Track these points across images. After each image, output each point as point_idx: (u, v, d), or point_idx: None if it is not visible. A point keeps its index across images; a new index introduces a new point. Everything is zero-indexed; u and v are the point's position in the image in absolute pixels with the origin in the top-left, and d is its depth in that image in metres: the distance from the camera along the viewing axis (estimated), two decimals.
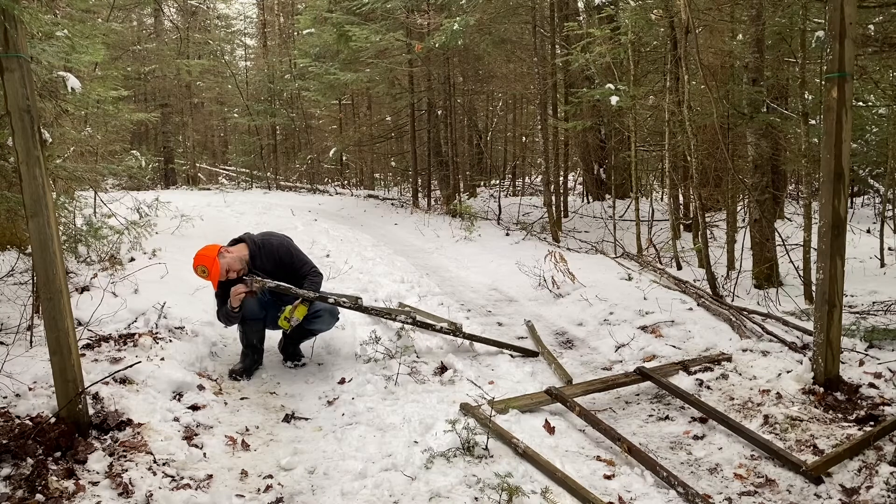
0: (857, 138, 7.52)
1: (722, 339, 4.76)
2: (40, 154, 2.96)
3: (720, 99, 6.29)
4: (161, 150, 20.72)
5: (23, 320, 4.21)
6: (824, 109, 3.71)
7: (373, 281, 6.63)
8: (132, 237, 6.42)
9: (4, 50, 2.86)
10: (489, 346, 4.82)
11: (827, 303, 3.72)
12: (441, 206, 12.93)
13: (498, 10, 10.76)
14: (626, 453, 3.26)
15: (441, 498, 2.92)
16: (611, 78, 8.49)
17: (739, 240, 6.95)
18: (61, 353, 3.04)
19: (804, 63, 6.26)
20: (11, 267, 5.01)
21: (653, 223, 9.39)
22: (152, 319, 4.63)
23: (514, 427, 3.49)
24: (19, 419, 3.16)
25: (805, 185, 6.55)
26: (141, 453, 3.06)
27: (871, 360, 4.04)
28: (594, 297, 5.98)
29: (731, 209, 7.32)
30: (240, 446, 3.41)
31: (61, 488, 2.71)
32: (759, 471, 3.15)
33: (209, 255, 4.18)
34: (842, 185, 3.66)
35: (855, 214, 9.42)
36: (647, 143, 10.51)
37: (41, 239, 2.98)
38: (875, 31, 5.77)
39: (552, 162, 10.91)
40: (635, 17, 7.73)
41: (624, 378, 4.18)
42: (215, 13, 23.28)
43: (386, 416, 3.73)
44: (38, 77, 4.44)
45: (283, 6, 22.78)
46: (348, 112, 19.31)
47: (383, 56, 12.19)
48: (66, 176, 5.15)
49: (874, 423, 3.38)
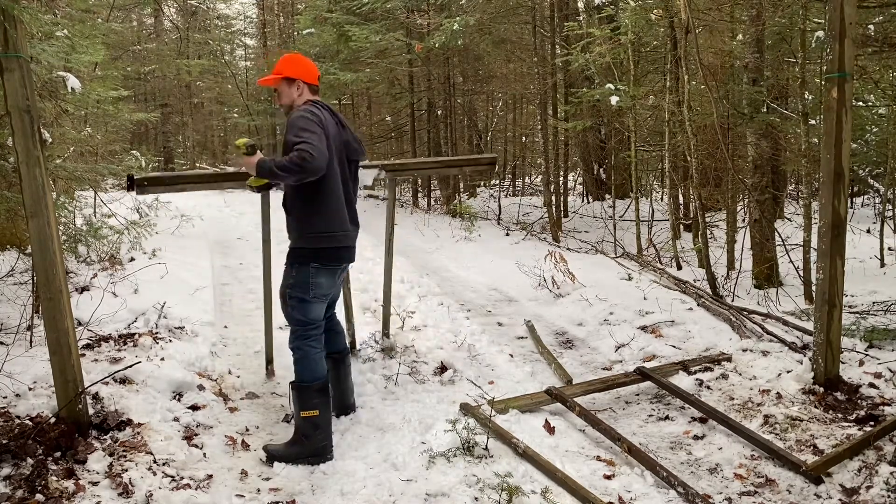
0: (857, 138, 7.52)
1: (722, 339, 4.76)
2: (40, 154, 2.96)
3: (720, 99, 6.29)
4: (161, 150, 20.70)
5: (23, 320, 4.21)
6: (824, 109, 3.72)
7: (373, 281, 6.62)
8: (132, 237, 6.43)
9: (4, 50, 2.85)
10: (429, 172, 4.74)
11: (827, 303, 3.72)
12: (441, 206, 12.93)
13: (498, 10, 10.76)
14: (626, 453, 3.26)
15: (441, 498, 2.92)
16: (611, 78, 8.49)
17: (739, 240, 6.95)
18: (61, 353, 3.04)
19: (804, 63, 6.26)
20: (11, 267, 5.01)
21: (653, 223, 9.39)
22: (152, 319, 4.63)
23: (514, 427, 3.48)
24: (19, 419, 3.16)
25: (805, 185, 6.55)
26: (141, 453, 3.06)
27: (871, 360, 4.04)
28: (594, 297, 5.98)
29: (731, 209, 7.32)
30: (240, 446, 3.40)
31: (61, 488, 2.71)
32: (759, 471, 3.15)
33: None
34: (842, 185, 3.66)
35: (855, 214, 9.41)
36: (647, 143, 10.51)
37: (41, 239, 2.98)
38: (875, 31, 5.77)
39: (552, 162, 10.90)
40: (635, 17, 7.72)
41: (624, 378, 4.18)
42: (215, 13, 23.26)
43: (386, 415, 3.73)
44: (38, 77, 4.44)
45: (283, 6, 22.75)
46: (348, 112, 19.28)
47: (383, 56, 12.18)
48: (66, 176, 5.16)
49: (874, 423, 3.38)
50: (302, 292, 3.32)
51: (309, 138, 3.05)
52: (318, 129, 3.12)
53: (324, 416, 3.31)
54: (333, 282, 3.46)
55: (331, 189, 3.28)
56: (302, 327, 3.37)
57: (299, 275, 3.33)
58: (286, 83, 3.36)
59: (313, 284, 3.32)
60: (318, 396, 3.31)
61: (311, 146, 3.02)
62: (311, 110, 3.21)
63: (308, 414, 3.27)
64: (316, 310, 3.39)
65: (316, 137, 3.07)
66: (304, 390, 3.31)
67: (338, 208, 3.33)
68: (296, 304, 3.35)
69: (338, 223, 3.33)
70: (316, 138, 3.07)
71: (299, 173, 3.05)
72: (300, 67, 3.36)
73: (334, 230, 3.32)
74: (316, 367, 3.36)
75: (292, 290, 3.34)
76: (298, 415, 3.29)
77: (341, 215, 3.35)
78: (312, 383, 3.32)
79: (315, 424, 3.27)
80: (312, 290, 3.33)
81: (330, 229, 3.31)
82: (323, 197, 3.27)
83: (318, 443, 3.27)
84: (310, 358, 3.35)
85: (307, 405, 3.28)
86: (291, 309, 3.37)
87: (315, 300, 3.35)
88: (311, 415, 3.27)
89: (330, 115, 3.33)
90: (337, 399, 3.68)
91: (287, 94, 3.36)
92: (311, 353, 3.36)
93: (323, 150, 3.07)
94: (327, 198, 3.28)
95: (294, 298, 3.34)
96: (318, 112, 3.22)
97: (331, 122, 3.30)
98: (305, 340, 3.37)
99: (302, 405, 3.29)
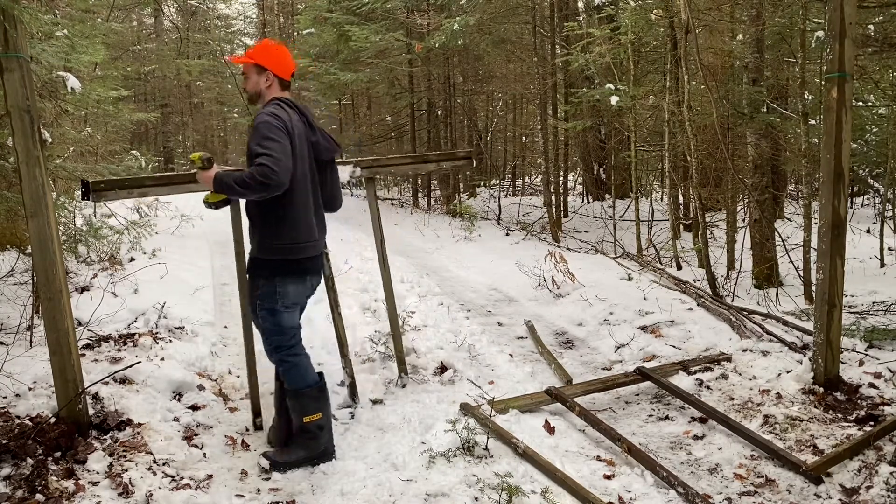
0: (857, 138, 7.52)
1: (722, 339, 4.76)
2: (40, 154, 2.96)
3: (720, 99, 6.29)
4: (161, 150, 20.71)
5: (23, 320, 4.21)
6: (824, 109, 3.72)
7: (373, 281, 6.62)
8: (132, 237, 6.43)
9: (4, 50, 2.86)
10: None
11: (827, 303, 3.72)
12: (441, 206, 12.93)
13: (498, 10, 10.76)
14: (626, 453, 3.26)
15: (441, 498, 2.92)
16: (611, 78, 8.49)
17: (739, 240, 6.95)
18: (61, 353, 3.04)
19: (804, 63, 6.26)
20: (11, 267, 5.02)
21: (653, 223, 9.39)
22: (152, 319, 4.63)
23: (514, 427, 3.48)
24: (19, 419, 3.16)
25: (805, 185, 6.55)
26: (141, 453, 3.06)
27: (871, 360, 4.04)
28: (594, 297, 5.98)
29: (731, 209, 7.32)
30: (240, 446, 3.40)
31: (61, 488, 2.71)
32: (759, 471, 3.15)
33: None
34: (842, 185, 3.66)
35: (855, 214, 9.42)
36: (647, 143, 10.51)
37: (41, 239, 2.98)
38: (875, 31, 5.77)
39: (552, 162, 10.91)
40: (635, 17, 7.72)
41: (624, 378, 4.18)
42: (215, 13, 23.28)
43: (385, 415, 3.73)
44: (38, 77, 4.44)
45: (283, 6, 22.76)
46: (348, 112, 19.30)
47: (383, 56, 12.18)
48: (66, 176, 5.16)
49: (874, 423, 3.38)
50: (270, 303, 3.15)
51: (272, 150, 2.83)
52: (283, 136, 2.91)
53: (326, 416, 3.27)
54: (304, 287, 3.25)
55: (297, 197, 3.07)
56: (278, 337, 3.21)
57: (265, 287, 3.14)
58: (256, 70, 3.13)
59: (280, 294, 3.14)
60: (317, 400, 3.25)
61: (272, 160, 2.80)
62: (275, 114, 2.98)
63: (311, 419, 3.20)
64: (288, 318, 3.21)
65: (279, 148, 2.85)
66: (302, 396, 3.23)
67: (305, 217, 3.12)
68: (266, 316, 3.19)
69: (304, 233, 3.13)
70: (279, 149, 2.85)
71: (260, 190, 2.84)
72: (274, 58, 3.14)
73: (300, 241, 3.11)
74: (306, 373, 3.26)
75: (261, 301, 3.17)
76: (301, 420, 3.21)
77: (308, 224, 3.14)
78: (308, 389, 3.24)
79: (320, 426, 3.22)
80: (281, 300, 3.15)
81: (295, 240, 3.10)
82: (288, 205, 3.04)
83: (322, 444, 3.23)
84: (297, 366, 3.24)
85: (308, 410, 3.21)
86: (263, 321, 3.21)
87: (286, 309, 3.18)
88: (314, 419, 3.21)
89: (298, 115, 3.12)
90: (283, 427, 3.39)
91: (254, 82, 3.14)
92: (296, 362, 3.24)
93: (286, 164, 2.86)
94: (293, 206, 3.06)
95: (264, 310, 3.18)
96: (283, 115, 3.01)
97: (298, 124, 3.08)
98: (287, 351, 3.23)
99: (303, 410, 3.21)
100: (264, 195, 2.89)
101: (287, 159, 2.88)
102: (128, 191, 3.38)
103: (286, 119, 3.00)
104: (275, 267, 3.12)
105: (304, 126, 3.13)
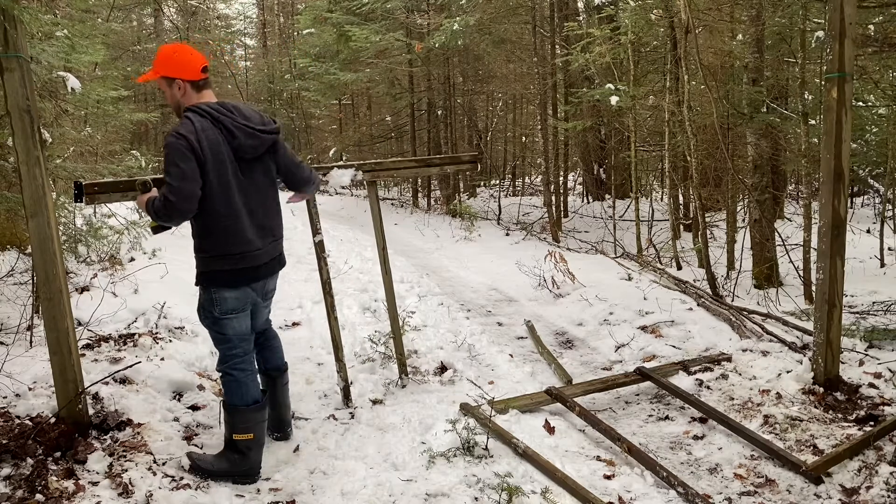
0: (857, 138, 7.52)
1: (722, 339, 4.76)
2: (40, 154, 2.96)
3: (720, 99, 6.29)
4: (161, 150, 20.68)
5: (23, 320, 4.21)
6: (824, 109, 3.72)
7: (373, 281, 6.62)
8: (132, 237, 6.42)
9: (4, 50, 2.86)
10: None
11: (827, 303, 3.72)
12: (441, 206, 12.93)
13: (498, 10, 10.76)
14: (626, 453, 3.26)
15: (441, 498, 2.92)
16: (611, 78, 8.49)
17: (739, 240, 6.95)
18: (61, 353, 3.04)
19: (804, 63, 6.26)
20: (11, 267, 5.01)
21: (653, 223, 9.40)
22: (152, 319, 4.63)
23: (514, 427, 3.49)
24: (19, 419, 3.16)
25: (805, 185, 6.56)
26: (141, 453, 3.06)
27: (871, 360, 4.04)
28: (594, 297, 5.98)
29: (731, 209, 7.32)
30: None
31: (61, 488, 2.71)
32: (759, 471, 3.15)
33: None
34: (842, 185, 3.66)
35: (855, 214, 9.42)
36: (647, 143, 10.51)
37: (41, 239, 2.98)
38: (875, 31, 5.77)
39: (552, 162, 10.91)
40: (635, 17, 7.72)
41: (624, 378, 4.18)
42: (215, 13, 23.28)
43: (386, 415, 3.73)
44: (38, 77, 4.44)
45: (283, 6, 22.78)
46: (348, 112, 19.30)
47: (383, 56, 12.19)
48: (66, 176, 5.15)
49: (874, 423, 3.38)
50: (209, 309, 3.05)
51: (172, 177, 2.76)
52: (185, 159, 2.76)
53: (258, 438, 3.09)
54: (243, 294, 3.07)
55: (220, 209, 2.90)
56: (224, 346, 3.10)
57: (203, 295, 3.07)
58: (165, 83, 2.95)
59: (218, 301, 3.01)
60: (251, 419, 3.08)
61: (171, 189, 2.75)
62: (178, 133, 2.81)
63: (241, 437, 3.04)
64: (231, 326, 3.06)
65: (179, 174, 2.75)
66: (236, 413, 3.07)
67: (236, 227, 2.95)
68: (208, 324, 3.10)
69: (235, 244, 2.97)
70: (178, 175, 2.75)
71: (168, 218, 2.83)
72: (176, 63, 2.92)
73: (232, 252, 2.97)
74: (246, 390, 3.09)
75: (201, 310, 3.10)
76: (230, 436, 3.07)
77: (241, 234, 2.97)
78: (245, 407, 3.08)
79: (248, 446, 3.06)
80: (219, 307, 3.02)
81: (224, 252, 2.97)
82: (211, 218, 2.91)
83: (249, 464, 3.08)
84: (238, 382, 3.08)
85: (239, 428, 3.05)
86: (207, 329, 3.14)
87: (226, 316, 3.04)
88: (245, 438, 3.04)
89: (212, 122, 2.88)
90: (273, 419, 3.40)
91: (170, 96, 2.97)
92: (238, 378, 3.09)
93: (187, 190, 2.76)
94: (216, 218, 2.91)
95: (206, 319, 3.09)
96: (190, 130, 2.81)
97: (210, 133, 2.85)
98: (228, 364, 3.10)
99: (234, 427, 3.05)
100: (177, 221, 2.88)
101: (189, 183, 2.78)
102: (121, 193, 3.27)
103: (192, 135, 2.81)
104: (209, 277, 3.03)
105: (219, 132, 2.89)
